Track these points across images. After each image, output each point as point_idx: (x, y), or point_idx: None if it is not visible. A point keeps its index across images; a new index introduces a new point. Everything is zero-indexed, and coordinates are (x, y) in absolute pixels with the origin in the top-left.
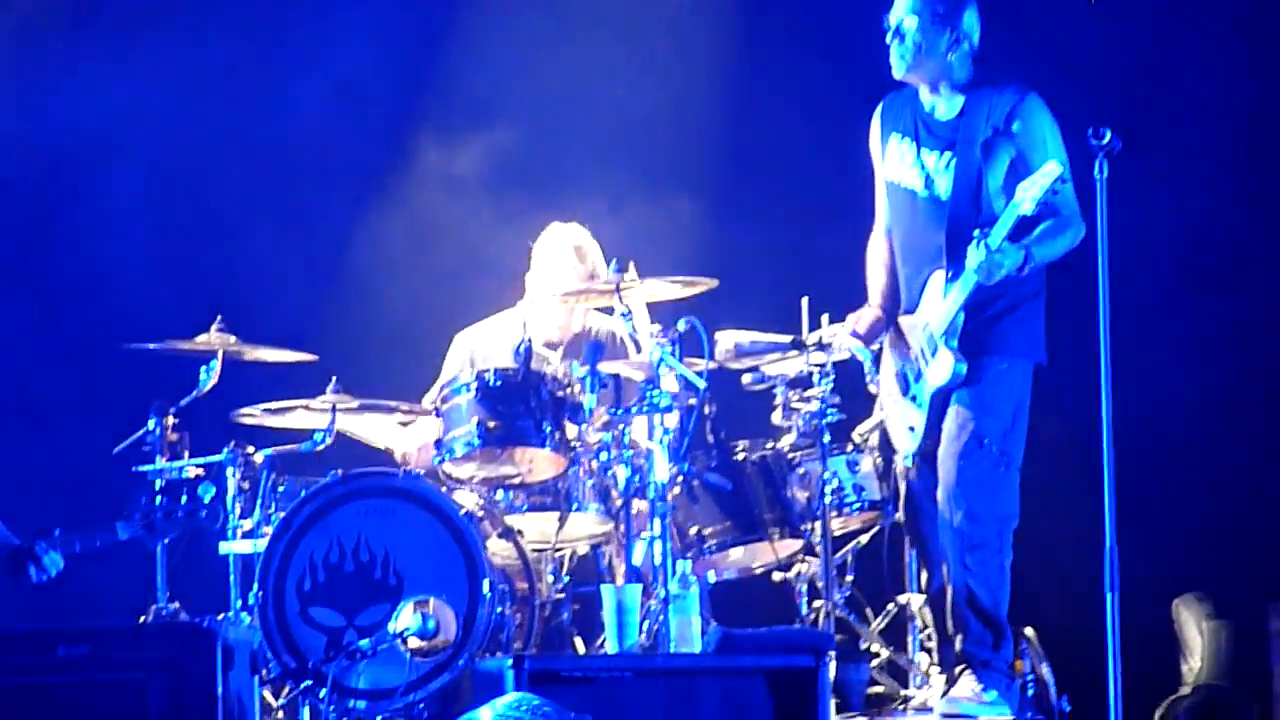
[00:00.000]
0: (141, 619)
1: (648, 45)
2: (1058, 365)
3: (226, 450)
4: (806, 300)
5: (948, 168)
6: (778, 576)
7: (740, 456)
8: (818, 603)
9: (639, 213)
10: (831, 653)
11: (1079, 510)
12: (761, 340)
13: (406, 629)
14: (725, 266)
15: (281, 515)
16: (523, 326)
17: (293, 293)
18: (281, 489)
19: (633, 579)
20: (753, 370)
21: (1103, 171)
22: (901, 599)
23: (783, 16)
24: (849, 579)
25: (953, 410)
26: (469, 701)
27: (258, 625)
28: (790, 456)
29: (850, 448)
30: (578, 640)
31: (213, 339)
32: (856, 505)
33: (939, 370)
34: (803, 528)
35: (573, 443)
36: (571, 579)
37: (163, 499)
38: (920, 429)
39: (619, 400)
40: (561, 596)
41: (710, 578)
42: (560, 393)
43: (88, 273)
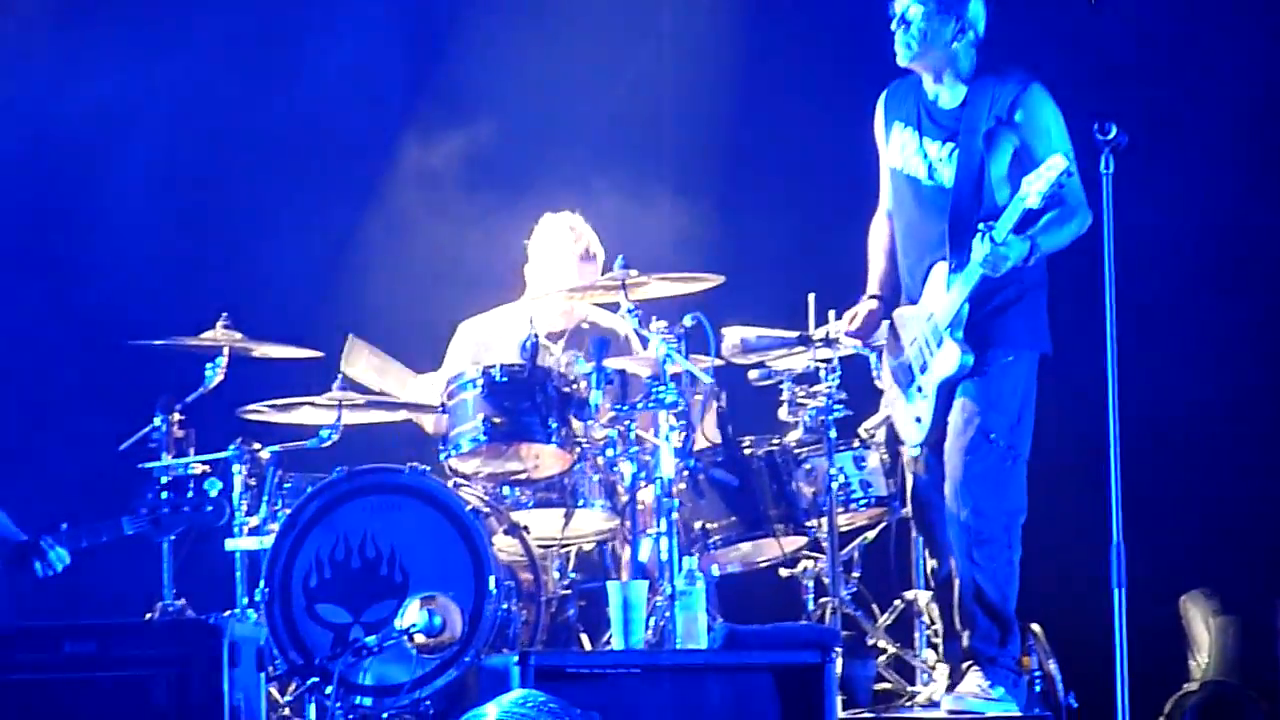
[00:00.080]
0: (147, 616)
1: (653, 40)
2: (1064, 360)
3: (232, 447)
4: (813, 296)
5: (950, 157)
6: (784, 572)
7: (747, 452)
8: (824, 599)
9: (645, 209)
10: (838, 649)
11: (1086, 506)
12: (768, 336)
13: (413, 625)
14: (732, 262)
15: (287, 512)
16: (529, 322)
17: (299, 289)
18: (287, 486)
19: (639, 575)
20: (759, 366)
21: (1108, 166)
22: (908, 595)
23: (788, 8)
24: (855, 575)
25: (958, 404)
26: (475, 698)
27: (264, 622)
28: (797, 452)
29: (857, 443)
30: (584, 636)
31: (219, 335)
32: (863, 501)
33: (945, 362)
34: (809, 524)
35: (579, 439)
36: (577, 575)
37: (169, 494)
38: (927, 420)
39: (625, 396)
40: (567, 592)
41: (716, 573)
42: (566, 388)
43: (93, 269)
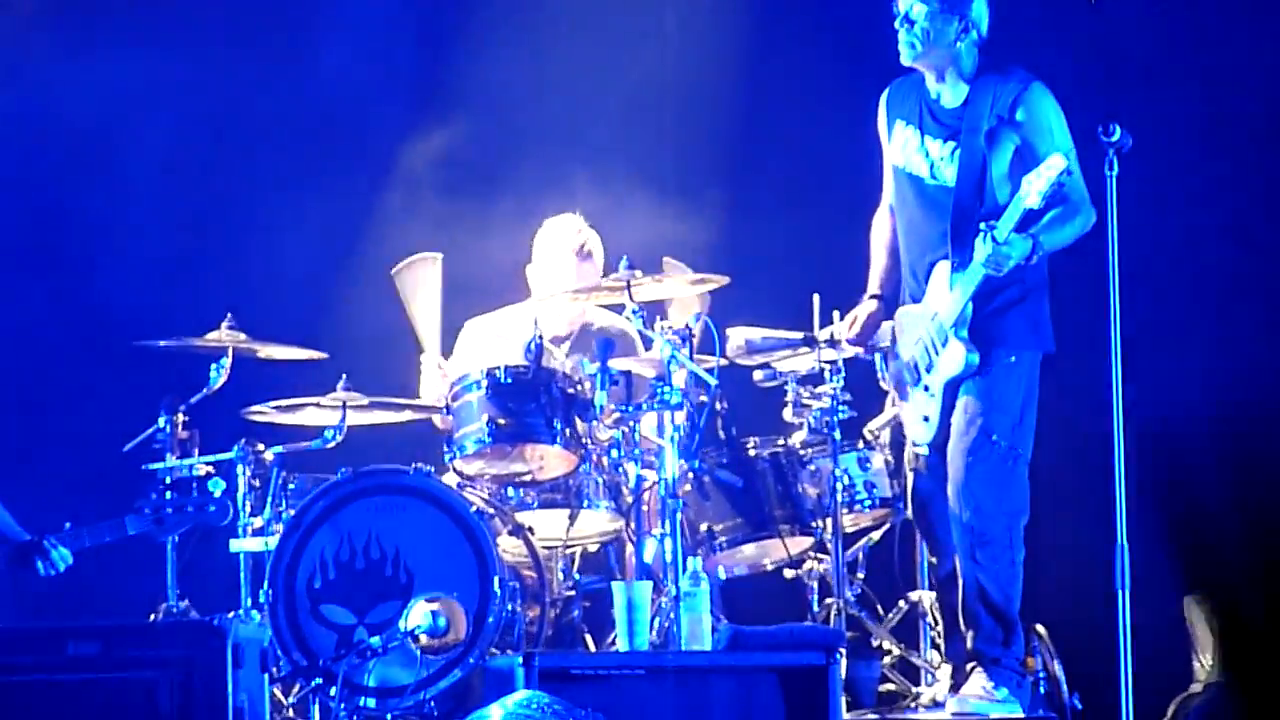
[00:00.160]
0: (151, 617)
1: (656, 41)
2: (1069, 360)
3: (237, 448)
4: (818, 297)
5: (952, 156)
6: (789, 574)
7: (751, 453)
8: (829, 600)
9: (650, 210)
10: (843, 650)
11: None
12: (773, 337)
13: (417, 626)
14: (737, 263)
15: (292, 513)
16: (534, 323)
17: (303, 290)
18: (292, 486)
19: (643, 576)
20: (764, 367)
21: (1112, 168)
22: (913, 596)
23: (792, 7)
24: (860, 576)
25: (961, 404)
26: (479, 699)
27: (268, 623)
28: (801, 453)
29: (861, 444)
30: (588, 638)
31: (223, 336)
32: (868, 502)
33: (951, 361)
34: (814, 525)
35: (583, 440)
36: (582, 576)
37: (172, 494)
38: (935, 419)
39: (629, 397)
40: (572, 594)
41: (721, 575)
42: (571, 390)
43: (98, 270)
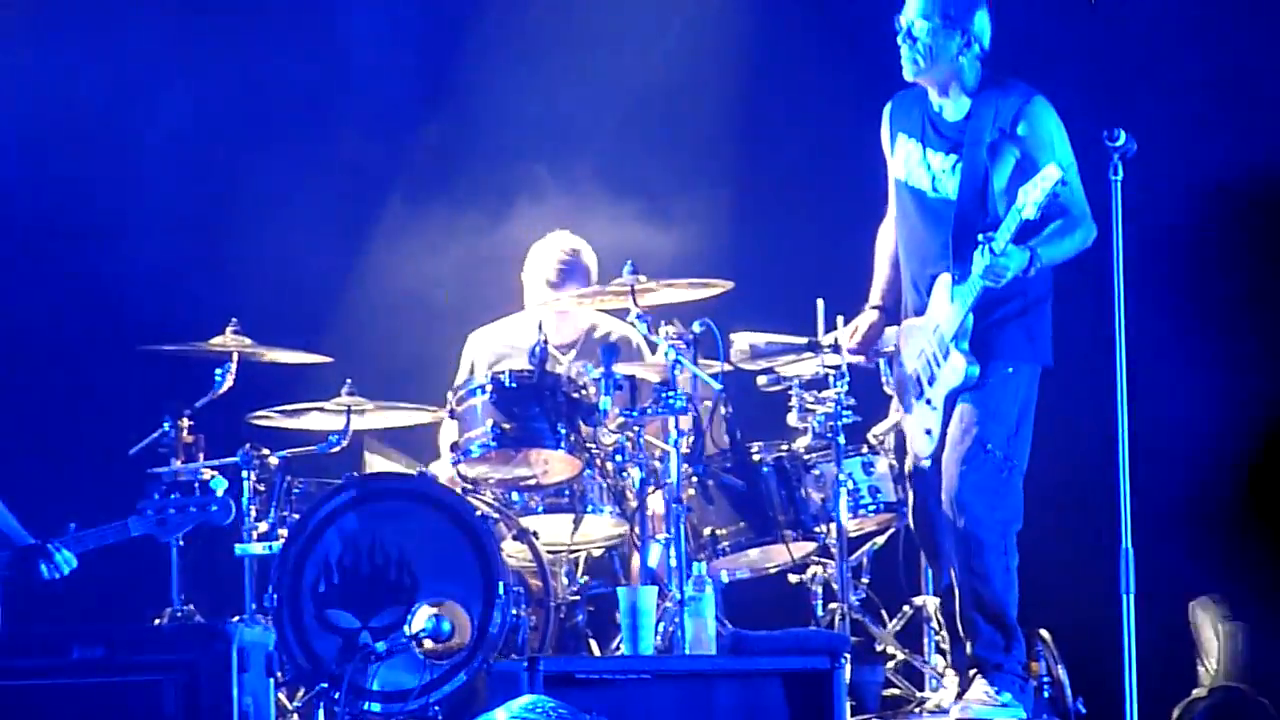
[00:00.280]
0: (157, 621)
1: (661, 47)
2: (1075, 366)
3: (241, 452)
4: (822, 302)
5: (954, 169)
6: (793, 578)
7: (755, 458)
8: (833, 604)
9: (654, 215)
10: (847, 655)
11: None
12: (777, 342)
13: (421, 631)
14: (741, 268)
15: (296, 517)
16: (538, 328)
17: (308, 295)
18: (296, 491)
19: (648, 581)
20: (768, 372)
21: (1117, 173)
22: (917, 601)
23: (798, 16)
24: (864, 581)
25: (957, 414)
26: (484, 704)
27: (272, 627)
28: (805, 458)
29: (865, 449)
30: (593, 642)
31: (228, 341)
32: (872, 507)
33: (952, 373)
34: (818, 529)
35: (587, 444)
36: (586, 581)
37: (175, 494)
38: (937, 431)
39: (634, 402)
40: (576, 598)
41: (725, 579)
42: (575, 394)
43: (103, 274)
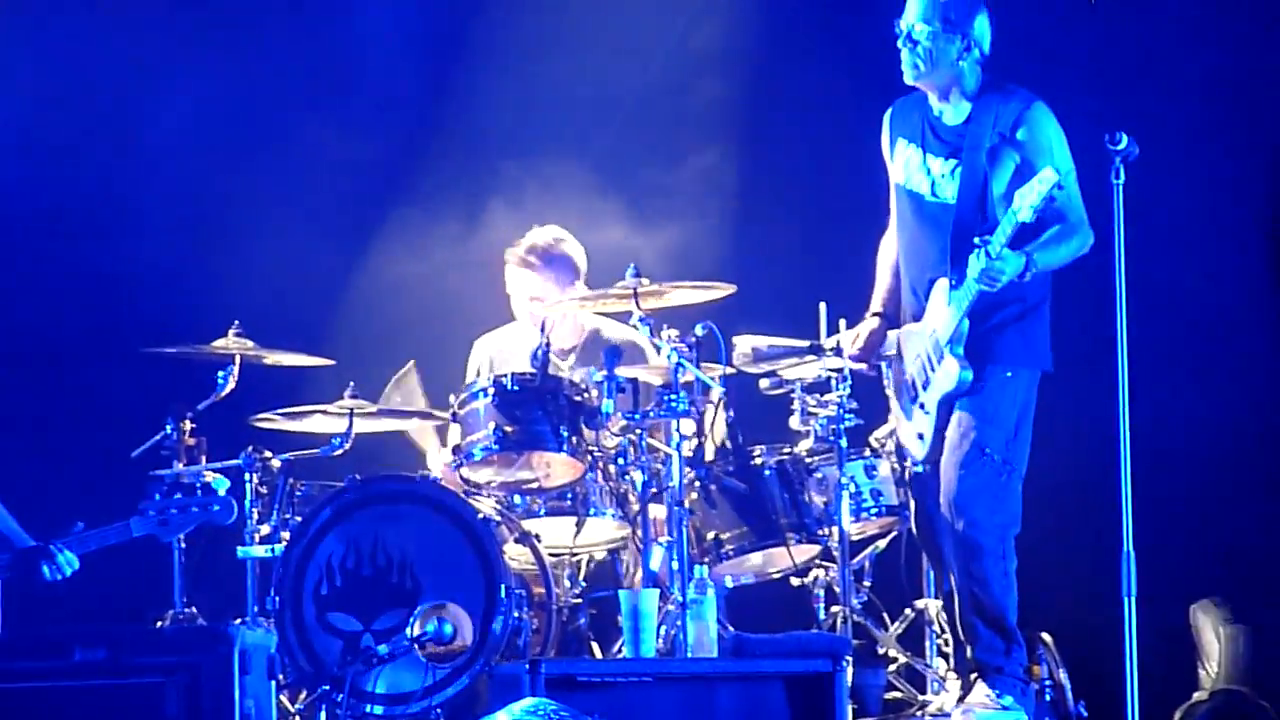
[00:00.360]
0: (159, 623)
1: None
2: (1076, 369)
3: (244, 455)
4: (824, 305)
5: (953, 174)
6: (795, 581)
7: (758, 461)
8: (835, 608)
9: (656, 219)
10: (849, 658)
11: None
12: (779, 345)
13: (423, 634)
14: (743, 271)
15: (298, 520)
16: (540, 330)
17: (311, 298)
18: (299, 494)
19: (650, 584)
20: (770, 375)
21: (1119, 176)
22: (919, 604)
23: (800, 20)
24: (866, 584)
25: (955, 418)
26: (486, 706)
27: (274, 630)
28: (808, 461)
29: (868, 452)
30: (594, 645)
31: (230, 343)
32: (874, 510)
33: (945, 377)
34: (820, 533)
35: (589, 447)
36: (588, 584)
37: (177, 495)
38: (930, 436)
39: (636, 405)
40: (578, 601)
41: (727, 583)
42: (577, 397)
43: (105, 277)
